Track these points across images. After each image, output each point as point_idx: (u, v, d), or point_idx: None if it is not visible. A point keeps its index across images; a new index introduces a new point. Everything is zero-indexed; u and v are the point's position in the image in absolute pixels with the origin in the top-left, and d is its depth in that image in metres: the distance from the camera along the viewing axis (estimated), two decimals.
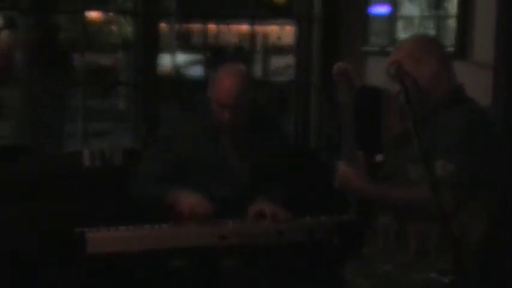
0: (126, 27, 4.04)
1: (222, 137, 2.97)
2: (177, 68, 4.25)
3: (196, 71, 4.36)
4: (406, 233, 2.51)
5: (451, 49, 3.58)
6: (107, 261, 2.71)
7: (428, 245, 2.47)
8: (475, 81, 3.17)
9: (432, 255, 2.45)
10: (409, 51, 2.52)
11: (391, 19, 4.17)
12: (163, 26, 4.04)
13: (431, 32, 3.90)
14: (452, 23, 3.76)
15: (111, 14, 4.10)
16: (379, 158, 2.73)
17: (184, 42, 4.26)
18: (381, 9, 4.22)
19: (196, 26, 4.35)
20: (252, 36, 4.21)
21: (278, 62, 4.50)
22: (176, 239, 2.75)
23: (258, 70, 4.32)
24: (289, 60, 4.36)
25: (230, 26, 4.34)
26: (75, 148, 3.75)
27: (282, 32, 4.43)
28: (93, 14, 4.03)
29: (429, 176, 2.17)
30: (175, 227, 2.82)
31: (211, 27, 4.35)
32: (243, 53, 4.25)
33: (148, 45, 3.85)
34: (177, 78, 4.21)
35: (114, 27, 4.12)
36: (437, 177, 2.24)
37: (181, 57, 4.33)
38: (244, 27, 4.37)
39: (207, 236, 2.76)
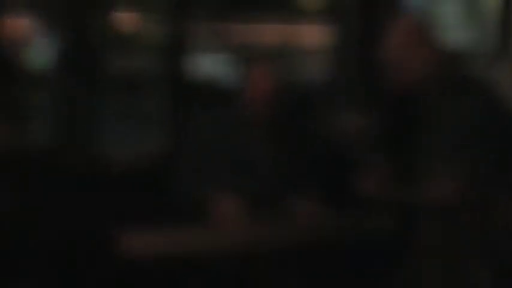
0: (157, 29, 4.16)
1: (255, 133, 3.04)
2: (209, 70, 4.37)
3: (229, 72, 4.47)
4: (448, 230, 2.51)
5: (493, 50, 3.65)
6: (142, 263, 2.73)
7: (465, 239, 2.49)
8: None
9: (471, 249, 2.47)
10: None
11: None
12: (194, 27, 4.08)
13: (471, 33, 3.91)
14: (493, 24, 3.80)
15: (141, 15, 4.21)
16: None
17: (217, 43, 4.36)
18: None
19: (229, 27, 4.47)
20: (286, 37, 4.37)
21: (311, 63, 4.64)
22: (212, 242, 2.79)
23: (292, 71, 4.44)
24: (322, 61, 4.52)
25: (264, 27, 4.47)
26: (105, 149, 3.82)
27: (315, 33, 4.56)
28: (123, 16, 4.14)
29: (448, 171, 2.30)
30: (211, 229, 2.85)
31: (244, 27, 4.47)
32: (276, 53, 4.37)
33: (179, 46, 3.93)
34: (209, 79, 4.35)
35: (144, 29, 4.23)
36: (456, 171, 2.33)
37: (214, 59, 4.44)
38: (278, 28, 4.53)
39: (243, 239, 2.81)
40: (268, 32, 4.55)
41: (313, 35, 4.62)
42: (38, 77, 3.89)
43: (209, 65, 4.38)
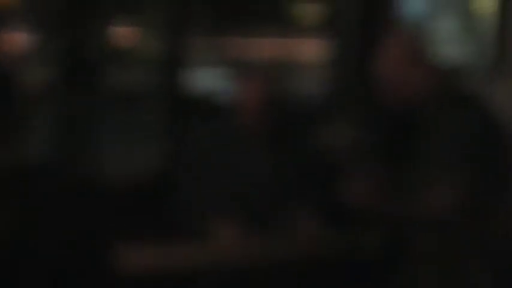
0: (154, 43, 4.27)
1: (251, 146, 3.10)
2: (207, 84, 4.50)
3: (223, 86, 4.60)
4: (446, 239, 2.57)
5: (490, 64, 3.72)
6: (140, 279, 2.77)
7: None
8: None
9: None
10: None
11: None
12: (192, 41, 4.17)
13: (468, 48, 3.94)
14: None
15: (138, 29, 4.30)
16: None
17: (215, 58, 4.45)
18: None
19: (227, 41, 4.58)
20: (284, 51, 4.49)
21: (309, 76, 4.81)
22: (211, 257, 2.85)
23: (290, 84, 4.54)
24: (320, 75, 4.62)
25: (262, 41, 4.58)
26: (104, 163, 3.87)
27: (313, 47, 4.73)
28: (119, 30, 4.21)
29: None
30: (210, 244, 2.90)
31: (242, 41, 4.57)
32: (274, 67, 4.48)
33: (177, 61, 4.00)
34: (207, 93, 4.40)
35: (141, 43, 4.32)
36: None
37: (212, 72, 4.57)
38: (276, 42, 4.64)
39: (242, 253, 2.86)
40: (266, 46, 4.66)
41: (310, 49, 4.72)
42: (35, 92, 3.91)
43: (207, 79, 4.46)
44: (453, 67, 3.93)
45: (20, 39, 3.94)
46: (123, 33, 4.31)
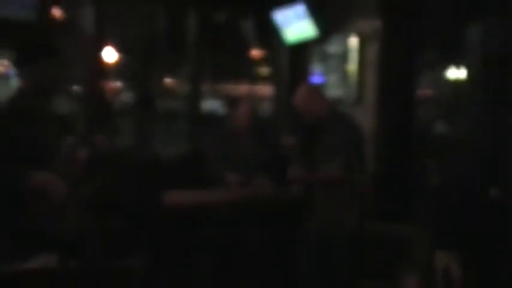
0: (187, 88, 5.92)
1: (240, 140, 4.42)
2: (212, 108, 6.56)
3: (223, 109, 6.81)
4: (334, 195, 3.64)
5: (354, 100, 5.10)
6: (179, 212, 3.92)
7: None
8: (368, 119, 4.62)
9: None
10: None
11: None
12: (203, 86, 5.97)
13: (343, 90, 5.30)
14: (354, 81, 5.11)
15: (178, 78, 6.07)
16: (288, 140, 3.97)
17: (214, 93, 6.41)
18: (317, 80, 5.76)
19: (220, 85, 6.67)
20: (252, 90, 6.47)
21: (265, 106, 6.50)
22: (224, 198, 4.13)
23: (256, 110, 5.39)
24: (270, 106, 6.27)
25: (237, 85, 6.50)
26: (157, 151, 5.80)
27: (266, 90, 6.39)
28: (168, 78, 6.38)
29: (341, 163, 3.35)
30: (223, 190, 4.27)
31: (228, 86, 6.51)
32: (248, 100, 5.84)
33: (198, 95, 5.79)
34: (212, 112, 6.23)
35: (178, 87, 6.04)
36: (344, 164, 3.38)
37: (214, 102, 6.84)
38: (247, 86, 6.60)
39: (239, 197, 4.17)
40: (241, 88, 6.65)
41: (265, 91, 6.63)
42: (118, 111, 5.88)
43: (214, 105, 6.29)
44: (334, 100, 4.96)
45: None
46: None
